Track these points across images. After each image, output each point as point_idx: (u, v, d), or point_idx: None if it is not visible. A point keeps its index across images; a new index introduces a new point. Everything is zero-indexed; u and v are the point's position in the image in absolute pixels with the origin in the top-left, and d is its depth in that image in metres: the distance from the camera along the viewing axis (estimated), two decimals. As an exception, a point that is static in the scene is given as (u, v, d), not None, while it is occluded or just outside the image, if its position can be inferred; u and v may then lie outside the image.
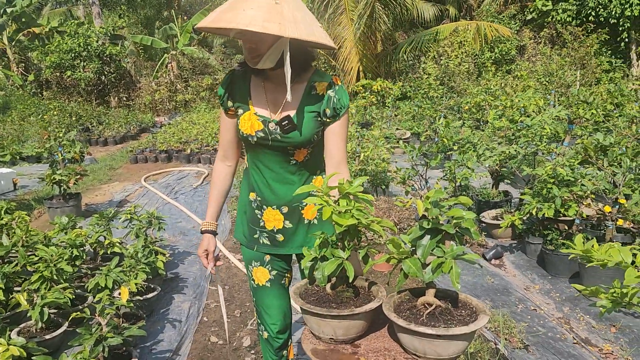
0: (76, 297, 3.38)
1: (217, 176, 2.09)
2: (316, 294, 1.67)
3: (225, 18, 1.62)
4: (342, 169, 1.90)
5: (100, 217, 4.12)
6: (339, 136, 1.88)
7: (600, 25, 13.95)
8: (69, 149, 5.85)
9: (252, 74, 1.88)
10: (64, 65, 16.12)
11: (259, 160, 1.92)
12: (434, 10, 17.89)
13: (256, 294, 2.12)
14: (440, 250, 1.49)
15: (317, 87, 1.84)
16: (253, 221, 2.00)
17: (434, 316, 1.48)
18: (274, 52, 1.71)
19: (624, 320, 3.37)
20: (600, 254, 1.52)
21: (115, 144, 12.04)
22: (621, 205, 3.68)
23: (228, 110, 1.93)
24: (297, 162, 1.90)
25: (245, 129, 1.86)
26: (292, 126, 1.80)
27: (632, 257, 1.50)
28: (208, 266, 2.08)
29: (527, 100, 6.13)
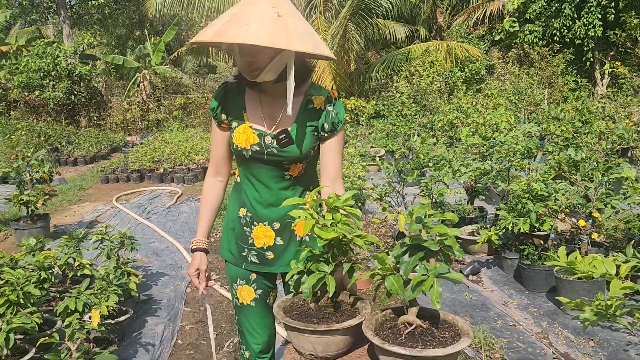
0: (44, 321, 3.23)
1: (208, 192, 2.02)
2: (300, 308, 1.62)
3: (229, 32, 1.56)
4: (338, 184, 1.88)
5: (70, 238, 3.98)
6: (336, 151, 1.87)
7: (565, 46, 14.39)
8: (37, 168, 5.68)
9: (246, 87, 1.84)
10: (33, 85, 15.79)
11: (253, 175, 1.87)
12: (405, 30, 18.25)
13: (240, 313, 2.04)
14: (423, 268, 1.44)
15: (314, 100, 1.82)
16: (241, 238, 1.94)
17: (414, 336, 1.42)
18: (276, 65, 1.68)
19: (602, 334, 3.39)
20: (584, 265, 1.52)
21: (85, 164, 11.79)
22: (595, 219, 3.73)
23: (221, 123, 1.88)
24: (291, 177, 1.86)
25: (239, 142, 1.81)
26: (290, 140, 1.77)
27: (615, 268, 1.50)
28: (200, 286, 1.98)
29: (498, 117, 6.23)
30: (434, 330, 1.45)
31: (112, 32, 22.64)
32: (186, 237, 5.58)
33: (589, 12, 13.66)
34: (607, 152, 4.57)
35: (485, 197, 6.12)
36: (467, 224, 5.34)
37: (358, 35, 14.81)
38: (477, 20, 17.48)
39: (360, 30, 15.04)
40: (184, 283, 4.46)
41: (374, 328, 1.48)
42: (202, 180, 9.16)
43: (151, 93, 17.65)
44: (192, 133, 13.62)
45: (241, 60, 1.71)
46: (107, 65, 18.87)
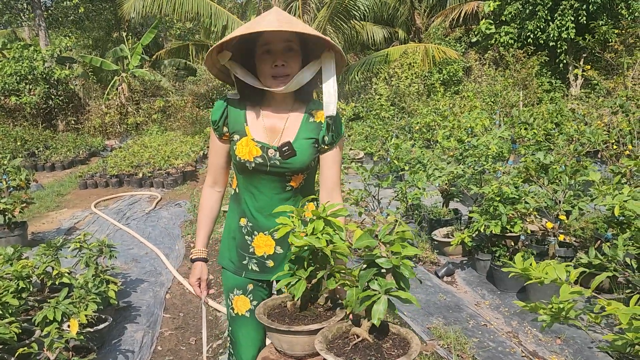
0: (23, 331, 3.24)
1: (206, 202, 2.06)
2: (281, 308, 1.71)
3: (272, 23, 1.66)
4: (336, 194, 1.95)
5: (48, 246, 3.98)
6: (336, 163, 1.94)
7: (540, 48, 14.67)
8: (14, 176, 5.65)
9: (247, 101, 1.89)
10: (8, 89, 15.57)
11: (254, 186, 1.91)
12: (384, 32, 18.42)
13: (234, 324, 2.06)
14: (377, 284, 1.46)
15: (314, 114, 1.89)
16: (242, 247, 1.98)
17: (357, 349, 1.45)
18: (307, 71, 1.78)
19: (569, 332, 3.53)
20: (538, 271, 1.62)
21: (63, 169, 11.68)
22: (562, 221, 3.87)
23: (222, 135, 1.91)
24: (292, 187, 1.91)
25: (242, 155, 1.85)
26: (292, 152, 1.82)
27: (566, 274, 1.61)
28: (202, 295, 2.04)
29: (472, 120, 6.37)
30: (381, 345, 1.47)
31: (89, 33, 22.40)
32: (166, 243, 5.61)
33: (562, 15, 13.96)
34: (576, 155, 4.73)
35: (460, 199, 6.26)
36: (442, 226, 5.47)
37: (337, 38, 14.91)
38: (454, 22, 17.70)
39: (339, 33, 15.15)
40: (163, 289, 4.50)
41: (332, 336, 1.52)
42: (181, 184, 9.17)
43: (130, 96, 17.52)
44: (172, 136, 13.58)
45: (267, 68, 1.76)
46: (85, 67, 18.68)
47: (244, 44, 1.81)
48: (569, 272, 1.61)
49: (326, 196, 1.94)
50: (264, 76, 1.79)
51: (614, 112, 5.22)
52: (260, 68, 1.79)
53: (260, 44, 1.77)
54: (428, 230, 5.51)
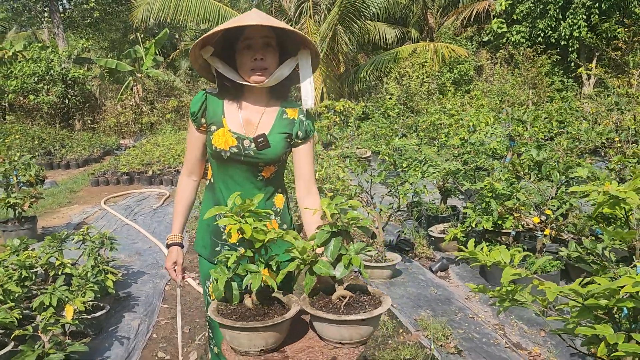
0: (24, 317, 3.40)
1: (183, 191, 2.18)
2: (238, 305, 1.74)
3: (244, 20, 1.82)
4: (312, 187, 2.08)
5: (53, 238, 4.16)
6: (309, 156, 2.07)
7: (551, 47, 14.59)
8: (24, 172, 5.86)
9: (226, 95, 2.01)
10: (27, 89, 15.97)
11: (228, 176, 2.02)
12: (396, 32, 18.47)
13: None
14: (344, 249, 1.66)
15: (288, 112, 2.03)
16: (215, 234, 2.08)
17: (351, 305, 1.65)
18: (284, 68, 1.92)
19: (553, 325, 3.58)
20: (482, 256, 1.71)
21: (77, 167, 11.96)
22: (548, 216, 3.93)
23: (200, 126, 2.03)
24: (264, 178, 2.03)
25: (219, 144, 1.96)
26: (267, 144, 1.95)
27: (509, 257, 1.69)
28: (177, 278, 2.13)
29: (474, 118, 6.42)
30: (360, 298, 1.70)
31: (106, 35, 22.82)
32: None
33: (574, 13, 13.87)
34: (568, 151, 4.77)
35: (462, 197, 6.32)
36: (440, 222, 5.54)
37: (347, 38, 15.01)
38: (465, 21, 17.66)
39: (350, 33, 15.25)
40: (163, 281, 4.65)
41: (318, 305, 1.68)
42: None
43: (144, 96, 17.83)
44: (184, 136, 13.80)
45: (247, 62, 1.90)
46: (102, 68, 19.07)
47: (225, 40, 1.95)
48: (514, 256, 1.70)
49: (304, 188, 2.07)
50: (244, 70, 1.92)
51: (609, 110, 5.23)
52: (241, 62, 1.92)
53: (241, 39, 1.90)
54: (425, 226, 5.59)
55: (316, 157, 6.44)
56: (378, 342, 3.43)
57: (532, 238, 4.80)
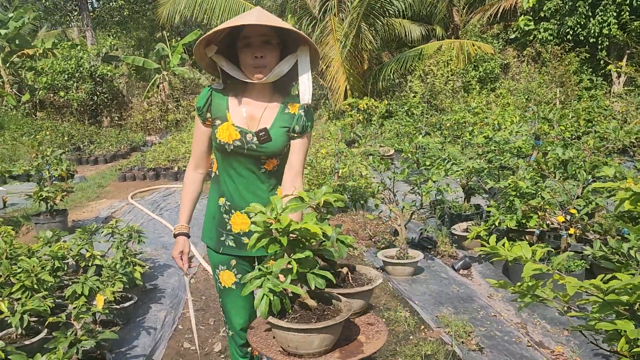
0: (56, 306, 3.53)
1: (189, 183, 2.26)
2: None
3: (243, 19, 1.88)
4: (298, 179, 2.13)
5: (83, 231, 4.30)
6: (302, 150, 2.13)
7: (579, 44, 14.33)
8: (55, 166, 6.04)
9: (230, 91, 2.09)
10: (57, 86, 16.38)
11: (232, 168, 2.11)
12: (421, 30, 18.33)
13: (222, 295, 2.28)
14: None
15: (289, 107, 2.10)
16: (221, 224, 2.17)
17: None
18: (284, 64, 1.99)
19: (576, 323, 3.56)
20: (504, 250, 1.73)
21: (105, 163, 12.23)
22: (573, 215, 3.89)
23: (206, 120, 2.11)
24: (266, 170, 2.11)
25: (223, 137, 2.05)
26: (268, 137, 2.03)
27: (531, 253, 1.71)
28: (184, 267, 2.21)
29: (499, 116, 6.38)
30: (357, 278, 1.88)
31: (133, 34, 23.21)
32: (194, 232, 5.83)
33: (604, 11, 13.60)
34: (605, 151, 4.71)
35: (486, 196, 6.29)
36: (463, 220, 5.53)
37: (372, 35, 14.99)
38: (492, 18, 17.44)
39: (374, 30, 15.22)
40: (188, 274, 4.74)
41: None
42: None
43: (170, 94, 18.10)
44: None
45: (248, 60, 1.97)
46: (128, 66, 19.41)
47: (228, 39, 2.02)
48: (535, 252, 1.72)
49: (290, 180, 2.11)
50: (246, 67, 1.99)
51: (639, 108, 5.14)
52: (242, 60, 2.00)
53: (241, 38, 1.98)
54: (448, 225, 5.58)
55: (339, 154, 6.48)
56: (399, 338, 3.46)
57: (556, 237, 4.76)
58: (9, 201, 7.75)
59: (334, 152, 6.33)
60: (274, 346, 1.66)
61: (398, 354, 3.24)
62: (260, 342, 1.70)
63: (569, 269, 3.99)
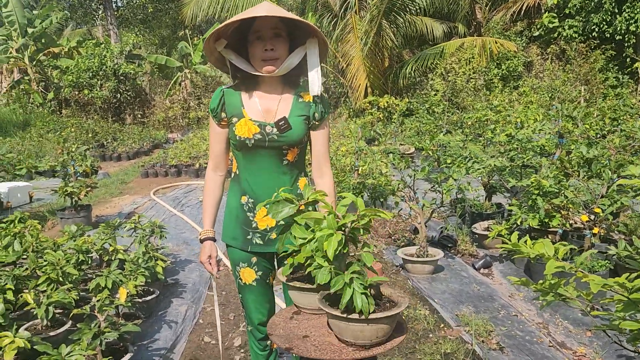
0: (81, 298, 3.60)
1: (210, 186, 2.27)
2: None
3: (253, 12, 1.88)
4: (325, 168, 2.18)
5: (107, 226, 4.37)
6: (325, 137, 2.17)
7: (605, 42, 14.07)
8: (80, 162, 6.16)
9: (242, 87, 2.11)
10: (82, 84, 16.67)
11: (254, 163, 2.11)
12: (443, 27, 18.18)
13: (242, 291, 2.29)
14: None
15: (303, 96, 2.12)
16: (245, 223, 2.16)
17: None
18: (294, 57, 2.01)
19: (599, 324, 3.50)
20: (526, 248, 1.71)
21: (128, 160, 12.41)
22: (597, 215, 3.83)
23: (221, 121, 2.12)
24: (288, 161, 2.12)
25: (242, 133, 2.05)
26: (288, 126, 2.04)
27: (553, 250, 1.69)
28: (213, 271, 2.21)
29: (522, 114, 6.30)
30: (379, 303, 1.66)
31: (156, 32, 23.50)
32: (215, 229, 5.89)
33: (631, 7, 13.32)
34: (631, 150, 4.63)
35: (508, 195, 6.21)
36: (484, 219, 5.48)
37: (392, 33, 14.91)
38: (515, 16, 17.21)
39: (396, 28, 15.14)
40: (209, 269, 4.79)
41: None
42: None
43: (192, 91, 18.28)
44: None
45: (258, 53, 1.98)
46: (151, 64, 19.67)
47: (237, 33, 2.03)
48: (558, 250, 1.70)
49: (317, 172, 2.18)
50: (256, 60, 2.00)
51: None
52: (253, 53, 2.01)
53: (252, 31, 1.99)
54: (469, 223, 5.54)
55: (359, 152, 6.48)
56: (419, 336, 3.45)
57: (579, 237, 4.69)
58: (35, 196, 7.92)
59: (354, 150, 6.32)
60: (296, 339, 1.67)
61: (417, 352, 3.23)
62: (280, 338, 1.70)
63: (592, 269, 3.93)
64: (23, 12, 17.37)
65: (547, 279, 1.76)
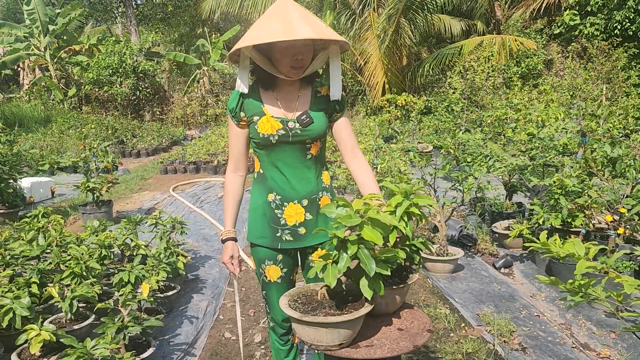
0: (103, 293, 3.66)
1: (231, 187, 2.27)
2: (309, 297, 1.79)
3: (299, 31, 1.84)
4: (357, 151, 2.23)
5: (128, 221, 4.42)
6: (349, 126, 2.23)
7: (628, 40, 13.83)
8: (102, 158, 6.23)
9: (260, 87, 2.12)
10: (102, 81, 16.87)
11: (278, 159, 2.12)
12: (462, 25, 18.02)
13: (266, 288, 2.29)
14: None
15: (320, 90, 2.16)
16: (274, 221, 2.17)
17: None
18: (317, 61, 2.06)
19: (625, 326, 3.45)
20: (555, 247, 1.69)
21: (147, 156, 12.53)
22: (622, 215, 3.77)
23: (241, 121, 2.13)
24: (312, 155, 2.14)
25: (265, 130, 2.07)
26: (310, 120, 2.08)
27: (584, 250, 1.67)
28: (235, 271, 2.22)
29: (544, 113, 6.22)
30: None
31: (175, 29, 23.68)
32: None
33: (656, 4, 13.09)
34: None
35: (528, 195, 6.14)
36: (504, 218, 5.43)
37: (411, 31, 14.82)
38: (535, 13, 16.98)
39: (414, 26, 15.04)
40: (228, 266, 4.82)
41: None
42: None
43: (210, 89, 18.39)
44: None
45: (287, 60, 1.99)
46: (170, 62, 19.82)
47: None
48: (589, 249, 1.67)
49: (350, 156, 2.21)
50: (284, 66, 2.01)
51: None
52: (280, 59, 2.00)
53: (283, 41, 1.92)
54: (489, 222, 5.49)
55: (377, 150, 6.46)
56: (440, 335, 3.43)
57: (603, 237, 4.61)
58: (56, 191, 8.04)
59: (372, 147, 6.30)
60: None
61: (438, 351, 3.22)
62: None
63: (617, 270, 3.86)
64: (45, 9, 17.61)
65: (576, 279, 1.73)
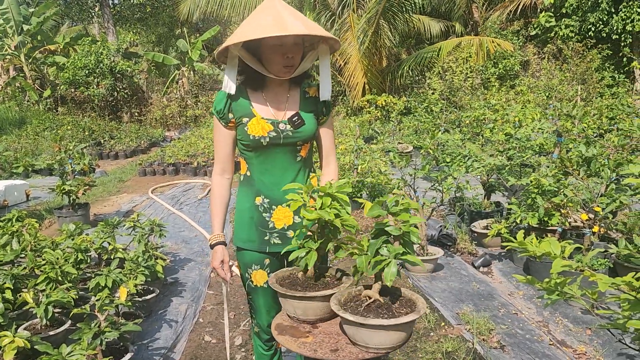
0: (80, 298, 3.59)
1: (218, 190, 2.20)
2: (292, 278, 1.88)
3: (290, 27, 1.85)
4: (331, 157, 2.24)
5: (106, 224, 4.35)
6: (331, 132, 2.24)
7: (602, 41, 14.11)
8: (78, 160, 6.13)
9: (247, 88, 2.09)
10: (78, 82, 16.60)
11: (268, 162, 2.08)
12: (440, 26, 18.19)
13: (253, 293, 2.23)
14: (386, 250, 1.59)
15: (309, 91, 2.16)
16: (262, 224, 2.12)
17: (370, 308, 1.58)
18: (307, 61, 2.07)
19: (601, 322, 3.51)
20: (532, 246, 1.71)
21: (125, 158, 12.37)
22: (597, 213, 3.84)
23: (229, 122, 2.09)
24: (302, 158, 2.13)
25: (256, 132, 2.03)
26: (302, 121, 2.06)
27: (560, 249, 1.69)
28: (226, 277, 2.16)
29: (520, 113, 6.31)
30: (391, 305, 1.61)
31: (153, 30, 23.42)
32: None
33: (628, 7, 13.36)
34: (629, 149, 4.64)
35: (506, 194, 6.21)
36: (483, 218, 5.48)
37: (390, 32, 14.91)
38: (511, 15, 17.24)
39: (393, 27, 15.14)
40: (208, 268, 4.78)
41: (344, 299, 1.67)
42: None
43: (189, 90, 18.24)
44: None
45: (278, 58, 1.97)
46: (148, 62, 19.60)
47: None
48: (564, 248, 1.69)
49: (324, 162, 2.24)
50: (274, 65, 1.99)
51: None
52: (270, 58, 1.98)
53: (274, 38, 1.92)
54: (468, 222, 5.54)
55: (358, 151, 6.48)
56: (420, 334, 3.45)
57: (578, 236, 4.70)
58: (31, 194, 7.88)
59: (352, 148, 6.32)
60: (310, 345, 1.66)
61: (419, 350, 3.23)
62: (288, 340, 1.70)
63: (592, 268, 3.93)
64: (19, 8, 17.27)
65: (552, 277, 1.76)
